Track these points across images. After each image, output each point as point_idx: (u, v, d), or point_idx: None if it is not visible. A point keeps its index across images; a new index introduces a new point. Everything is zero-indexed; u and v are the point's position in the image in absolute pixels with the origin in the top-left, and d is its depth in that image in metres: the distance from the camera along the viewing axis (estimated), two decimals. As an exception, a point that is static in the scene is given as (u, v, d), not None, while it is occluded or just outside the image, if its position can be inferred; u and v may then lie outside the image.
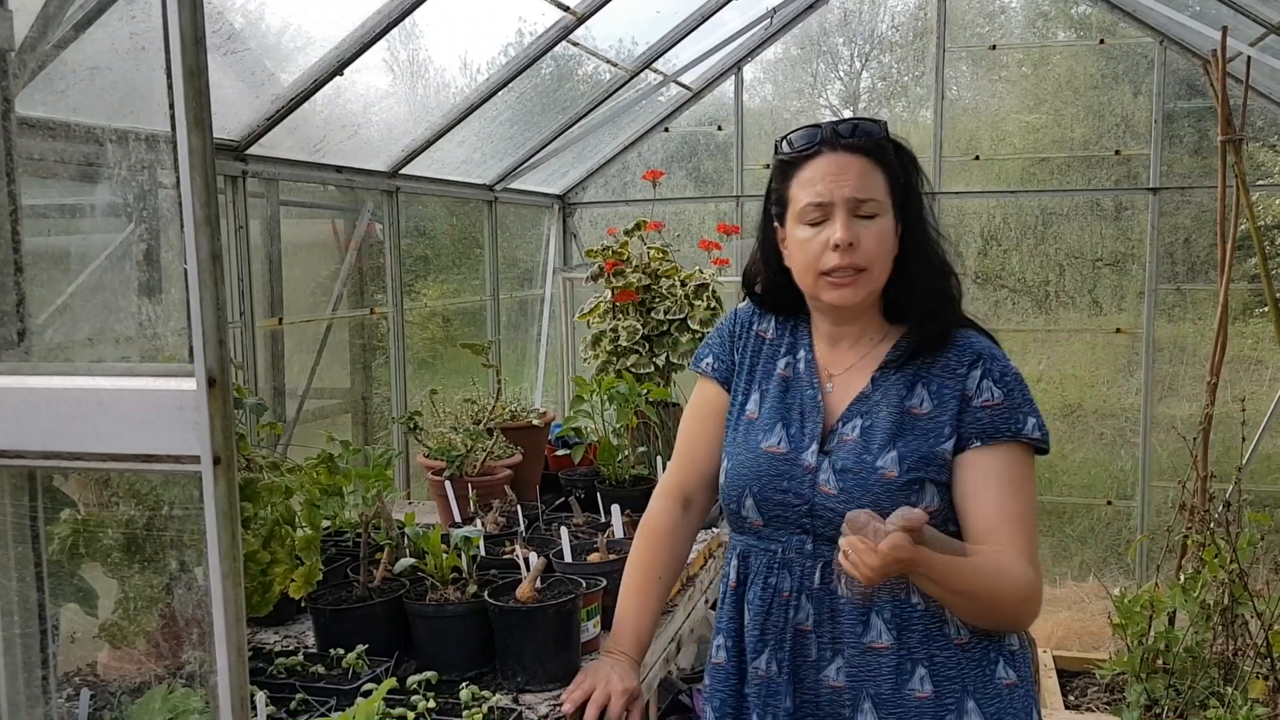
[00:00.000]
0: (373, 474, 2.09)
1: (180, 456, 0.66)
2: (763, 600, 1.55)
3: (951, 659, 1.48)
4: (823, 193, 1.50)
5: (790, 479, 1.53)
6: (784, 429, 1.57)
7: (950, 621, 1.48)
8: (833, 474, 1.50)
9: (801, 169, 1.54)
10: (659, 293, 3.24)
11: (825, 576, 1.51)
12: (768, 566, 1.56)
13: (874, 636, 1.48)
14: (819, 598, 1.51)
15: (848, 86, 5.12)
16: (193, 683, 1.12)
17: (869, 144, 1.52)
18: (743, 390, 1.66)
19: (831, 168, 1.51)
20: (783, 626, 1.53)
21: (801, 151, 1.54)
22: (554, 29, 3.38)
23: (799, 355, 1.63)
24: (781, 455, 1.55)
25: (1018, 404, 1.50)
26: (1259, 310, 4.42)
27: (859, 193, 1.49)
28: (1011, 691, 1.50)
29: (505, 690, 1.69)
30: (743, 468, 1.58)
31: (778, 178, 1.60)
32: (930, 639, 1.48)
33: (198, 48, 0.64)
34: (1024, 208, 4.58)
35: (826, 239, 1.49)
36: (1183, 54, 4.26)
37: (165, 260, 0.83)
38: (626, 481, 2.64)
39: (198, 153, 0.64)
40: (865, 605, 1.48)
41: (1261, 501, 4.19)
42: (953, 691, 1.47)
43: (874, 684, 1.47)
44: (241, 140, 2.70)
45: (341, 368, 3.54)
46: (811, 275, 1.53)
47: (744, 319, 1.71)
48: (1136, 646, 3.46)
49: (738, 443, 1.61)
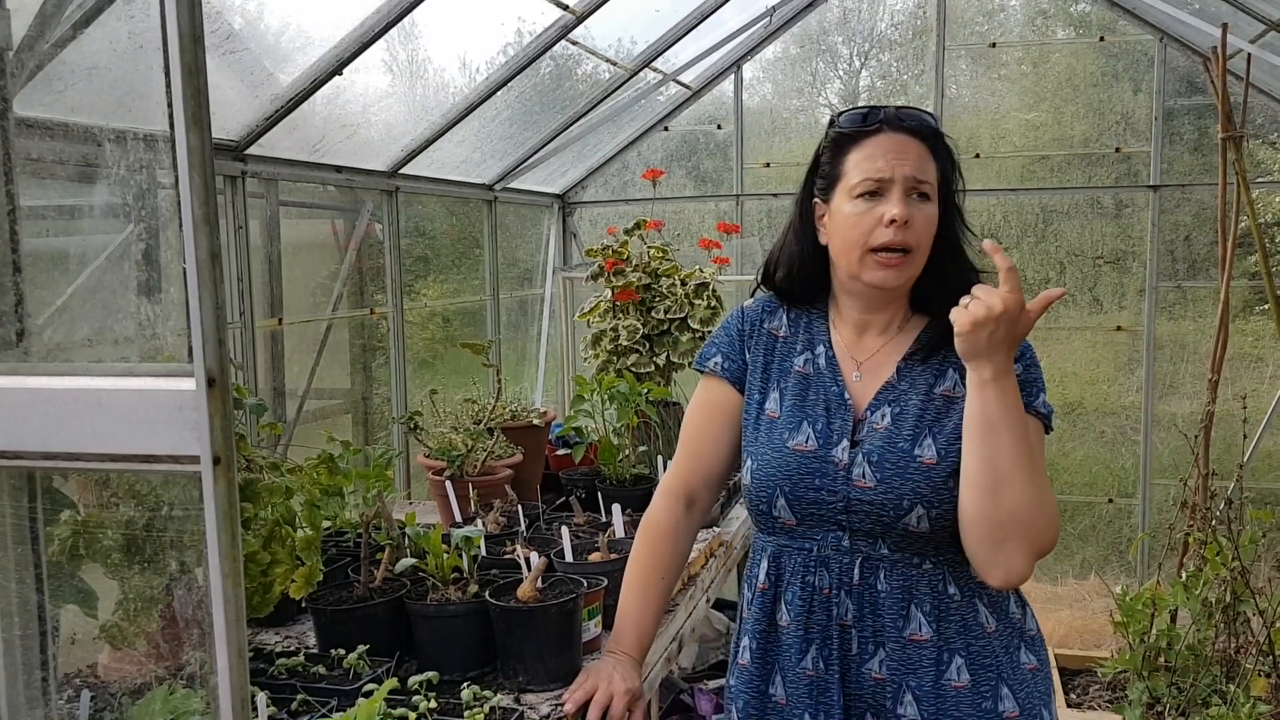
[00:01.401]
0: (373, 474, 2.09)
1: (180, 457, 0.66)
2: (803, 600, 1.55)
3: (986, 647, 1.50)
4: (883, 168, 1.49)
5: (823, 476, 1.52)
6: (810, 426, 1.56)
7: (981, 610, 1.51)
8: (868, 466, 1.50)
9: (859, 145, 1.53)
10: (659, 292, 3.24)
11: (864, 572, 1.51)
12: (804, 566, 1.55)
13: (914, 629, 1.49)
14: (859, 593, 1.51)
15: (847, 85, 5.11)
16: (193, 684, 1.12)
17: (927, 130, 1.53)
18: (759, 389, 1.64)
19: (894, 145, 1.51)
20: (826, 624, 1.53)
21: (862, 128, 1.53)
22: (553, 28, 3.37)
23: (817, 350, 1.62)
24: (811, 453, 1.54)
25: (1033, 378, 1.53)
26: (1260, 308, 4.41)
27: (919, 173, 1.50)
28: (1034, 675, 1.54)
29: (507, 690, 1.69)
30: (771, 468, 1.56)
31: (830, 152, 1.58)
32: (967, 629, 1.50)
33: (196, 46, 0.63)
34: (1024, 206, 4.58)
35: (880, 214, 1.48)
36: (1183, 51, 4.25)
37: (164, 260, 0.83)
38: (627, 481, 2.64)
39: (196, 152, 0.64)
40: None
41: (1263, 499, 4.18)
42: (988, 680, 1.49)
43: (915, 676, 1.49)
44: (241, 140, 2.70)
45: (341, 368, 3.53)
46: (858, 251, 1.51)
47: (753, 317, 1.69)
48: (1138, 644, 3.45)
49: (761, 442, 1.59)
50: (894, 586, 1.50)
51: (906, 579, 1.50)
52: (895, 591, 1.50)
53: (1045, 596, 4.47)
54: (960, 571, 1.52)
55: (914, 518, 1.47)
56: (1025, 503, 1.39)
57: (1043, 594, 4.48)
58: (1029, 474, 1.40)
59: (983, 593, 1.53)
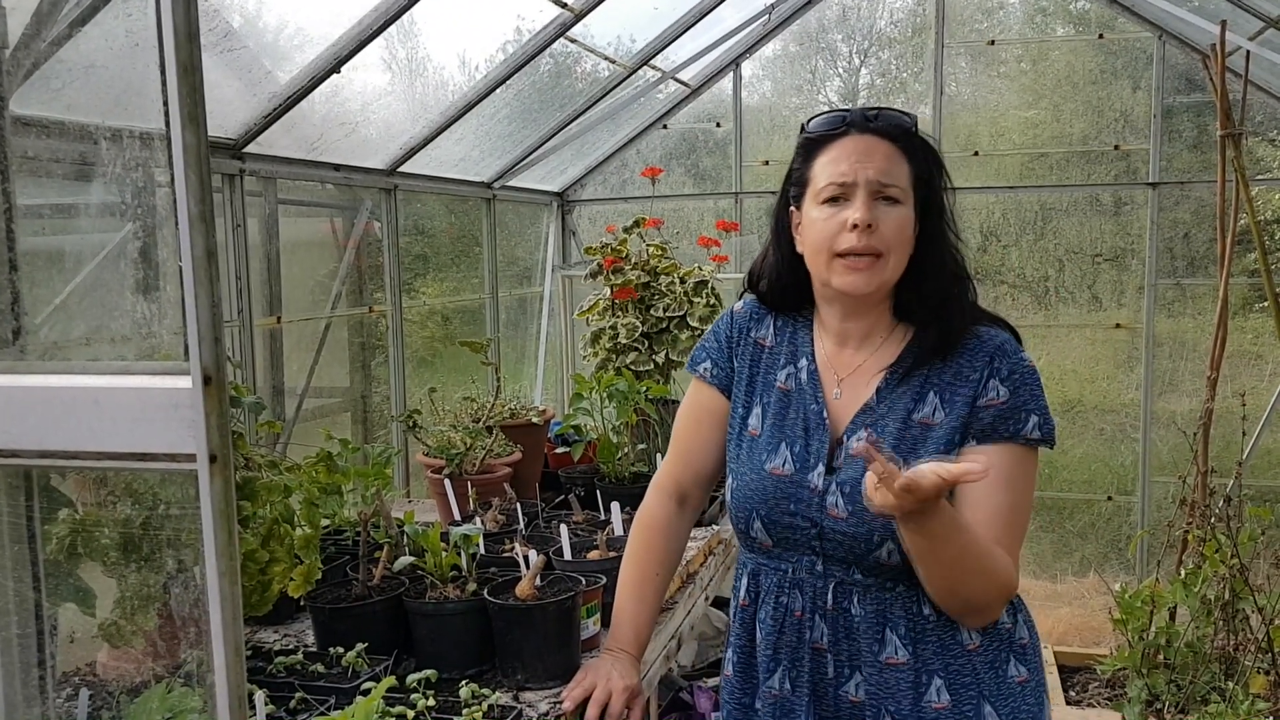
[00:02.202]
0: (372, 472, 2.09)
1: (176, 455, 0.66)
2: (774, 620, 1.54)
3: (966, 665, 1.47)
4: (846, 172, 1.46)
5: (797, 501, 1.50)
6: (788, 448, 1.53)
7: (962, 628, 1.47)
8: (840, 496, 1.47)
9: (825, 149, 1.51)
10: (658, 290, 3.24)
11: (838, 596, 1.49)
12: (779, 586, 1.54)
13: (890, 653, 1.47)
14: (833, 618, 1.50)
15: (847, 83, 5.11)
16: (191, 682, 1.12)
17: (896, 131, 1.49)
18: (743, 402, 1.62)
19: (857, 148, 1.48)
20: (796, 646, 1.52)
21: (827, 131, 1.51)
22: (552, 25, 3.37)
23: (800, 365, 1.59)
24: (787, 477, 1.52)
25: (1022, 402, 1.46)
26: (1259, 305, 4.41)
27: (883, 176, 1.46)
28: (1023, 688, 1.50)
29: (505, 688, 1.69)
30: (749, 489, 1.55)
31: (799, 158, 1.56)
32: (945, 649, 1.47)
33: (191, 44, 0.63)
34: (1023, 203, 4.58)
35: (845, 219, 1.45)
36: (1182, 49, 4.25)
37: (161, 258, 0.83)
38: (626, 479, 2.64)
39: (192, 149, 0.64)
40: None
41: (1262, 496, 4.19)
42: (969, 699, 1.46)
43: (893, 701, 1.46)
44: (239, 139, 2.70)
45: (341, 366, 3.53)
46: (825, 256, 1.48)
47: (741, 324, 1.67)
48: (1137, 642, 3.46)
49: (741, 461, 1.59)
50: (868, 611, 1.48)
51: (880, 603, 1.48)
52: (870, 616, 1.48)
53: (1044, 594, 4.48)
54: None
55: (884, 551, 1.45)
56: (980, 590, 1.43)
57: (1042, 591, 4.49)
58: (978, 565, 1.40)
59: None
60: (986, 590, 1.43)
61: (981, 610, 1.46)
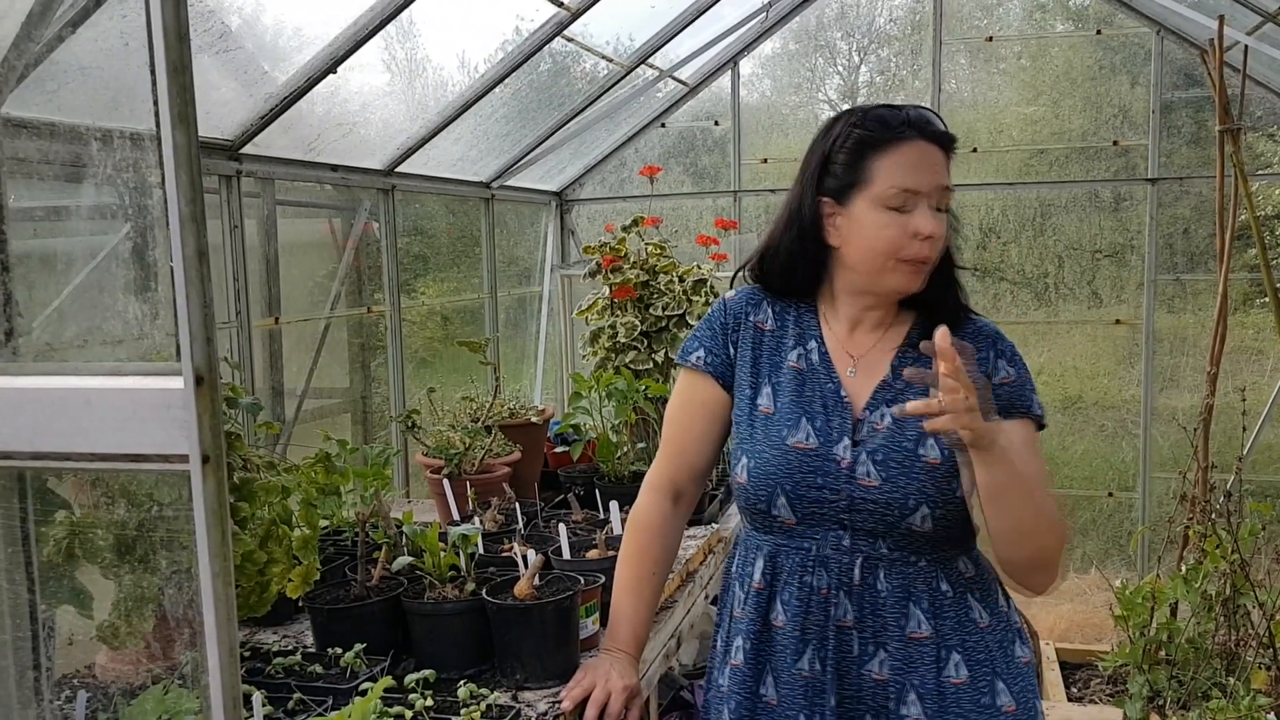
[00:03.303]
0: (371, 473, 2.09)
1: (168, 456, 0.66)
2: (800, 600, 1.54)
3: (980, 643, 1.51)
4: (917, 182, 1.48)
5: (824, 474, 1.51)
6: (809, 423, 1.54)
7: (974, 605, 1.52)
8: (873, 465, 1.49)
9: (885, 151, 1.50)
10: (657, 289, 3.24)
11: (865, 572, 1.51)
12: (802, 565, 1.54)
13: (914, 627, 1.50)
14: (859, 593, 1.51)
15: (846, 81, 5.11)
16: (188, 683, 1.12)
17: (947, 139, 1.53)
18: (749, 384, 1.62)
19: (925, 155, 1.50)
20: (824, 624, 1.52)
21: (892, 133, 1.50)
22: (549, 24, 3.37)
23: (809, 346, 1.61)
24: (812, 451, 1.52)
25: (1025, 380, 1.55)
26: (1259, 300, 4.41)
27: (946, 184, 1.51)
28: (1028, 669, 1.56)
29: (504, 688, 1.69)
30: (770, 465, 1.54)
31: (849, 153, 1.52)
32: (961, 624, 1.51)
33: (181, 43, 0.63)
34: (1023, 200, 4.57)
35: (912, 228, 1.48)
36: (1180, 44, 4.25)
37: (154, 259, 0.83)
38: (625, 478, 2.64)
39: (182, 149, 0.64)
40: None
41: (1263, 491, 4.18)
42: (985, 675, 1.50)
43: (917, 675, 1.49)
44: (236, 139, 2.70)
45: (340, 367, 3.53)
46: (883, 259, 1.50)
47: (735, 310, 1.66)
48: (1138, 638, 3.45)
49: (757, 439, 1.57)
50: (894, 585, 1.50)
51: (905, 577, 1.51)
52: (895, 590, 1.50)
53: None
54: (951, 568, 1.53)
55: (919, 517, 1.48)
56: (1048, 535, 1.45)
57: (1043, 588, 4.48)
58: (1046, 515, 1.43)
59: (973, 588, 1.54)
60: (1052, 537, 1.46)
61: (1048, 564, 1.48)
